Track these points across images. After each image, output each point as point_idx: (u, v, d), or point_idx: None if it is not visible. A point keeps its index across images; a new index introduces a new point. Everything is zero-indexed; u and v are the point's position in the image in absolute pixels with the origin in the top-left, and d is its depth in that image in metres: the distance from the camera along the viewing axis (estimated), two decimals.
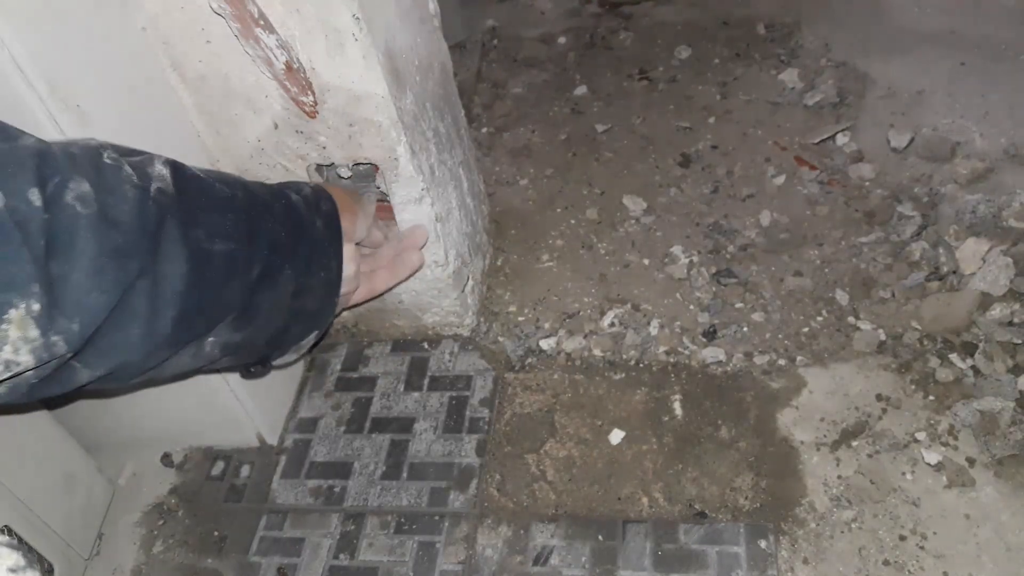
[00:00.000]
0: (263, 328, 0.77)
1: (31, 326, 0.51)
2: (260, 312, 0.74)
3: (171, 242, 0.60)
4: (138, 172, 0.60)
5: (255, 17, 0.80)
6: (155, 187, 0.61)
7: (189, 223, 0.62)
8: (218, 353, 0.72)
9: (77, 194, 0.54)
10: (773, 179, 1.37)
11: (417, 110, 0.99)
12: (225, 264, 0.66)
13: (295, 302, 0.80)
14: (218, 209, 0.67)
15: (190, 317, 0.63)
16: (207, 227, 0.64)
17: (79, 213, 0.53)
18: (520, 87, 1.68)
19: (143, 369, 0.65)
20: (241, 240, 0.68)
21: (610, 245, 1.31)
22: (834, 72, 1.55)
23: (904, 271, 1.18)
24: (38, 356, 0.52)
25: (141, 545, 1.06)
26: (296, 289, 0.79)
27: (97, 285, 0.54)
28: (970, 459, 0.97)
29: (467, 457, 1.07)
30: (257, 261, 0.71)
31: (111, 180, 0.57)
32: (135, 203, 0.58)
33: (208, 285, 0.64)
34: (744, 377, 1.10)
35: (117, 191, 0.57)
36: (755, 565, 0.91)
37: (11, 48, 0.69)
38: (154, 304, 0.59)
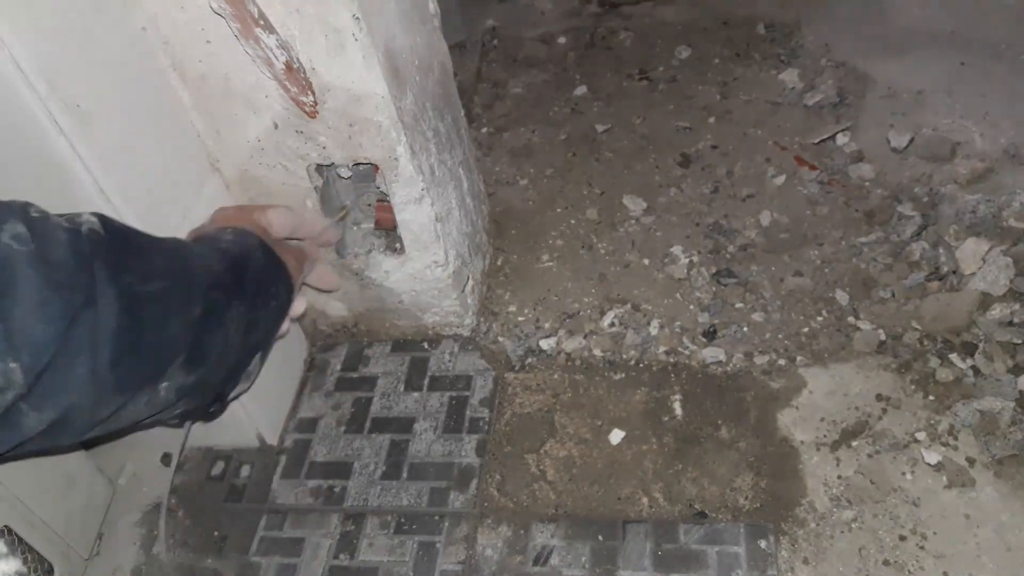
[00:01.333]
0: (217, 367, 0.76)
1: None
2: (211, 351, 0.73)
3: (103, 282, 0.60)
4: (66, 219, 0.61)
5: (255, 17, 0.80)
6: (85, 228, 0.61)
7: (119, 266, 0.62)
8: (173, 397, 0.72)
9: (12, 234, 0.55)
10: (773, 179, 1.37)
11: (417, 110, 0.99)
12: (161, 303, 0.66)
13: (248, 337, 0.80)
14: (148, 252, 0.68)
15: (130, 358, 0.63)
16: (137, 270, 0.64)
17: (17, 251, 0.54)
18: (520, 87, 1.68)
19: (94, 417, 0.64)
20: (175, 279, 0.68)
21: (610, 245, 1.31)
22: (834, 72, 1.55)
23: (904, 271, 1.18)
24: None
25: (141, 545, 1.06)
26: (248, 324, 0.79)
27: (42, 317, 0.55)
28: (970, 459, 0.97)
29: (467, 457, 1.07)
30: (197, 300, 0.70)
31: (41, 227, 0.58)
32: (68, 243, 0.58)
33: (144, 325, 0.64)
34: (744, 377, 1.10)
35: (49, 235, 0.58)
36: (755, 565, 0.91)
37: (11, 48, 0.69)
38: (95, 340, 0.60)
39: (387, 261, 1.11)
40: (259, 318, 0.81)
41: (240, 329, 0.77)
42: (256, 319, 0.80)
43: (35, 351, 0.54)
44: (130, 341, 0.62)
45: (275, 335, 0.87)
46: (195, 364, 0.71)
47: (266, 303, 0.82)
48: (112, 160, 0.81)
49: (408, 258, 1.10)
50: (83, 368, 0.59)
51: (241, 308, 0.77)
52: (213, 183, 1.01)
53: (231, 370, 0.80)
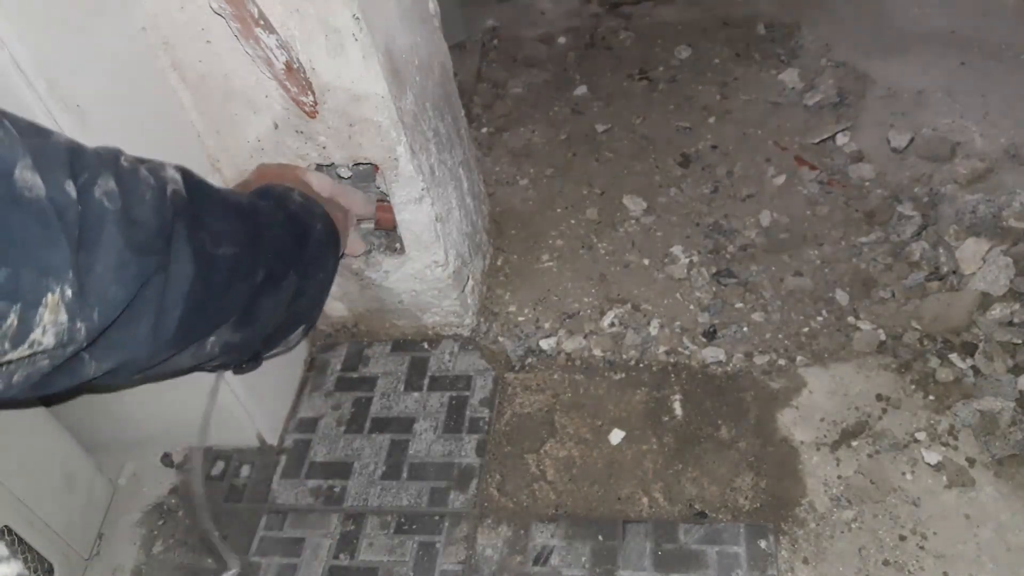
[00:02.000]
0: (262, 329, 0.79)
1: (62, 311, 0.53)
2: (261, 314, 0.76)
3: (180, 243, 0.62)
4: (154, 175, 0.62)
5: (255, 17, 0.80)
6: (170, 189, 0.63)
7: (196, 226, 0.65)
8: (217, 351, 0.75)
9: (104, 190, 0.56)
10: (773, 179, 1.37)
11: (417, 110, 0.99)
12: (229, 268, 0.68)
13: (294, 304, 0.82)
14: (224, 215, 0.70)
15: (193, 318, 0.65)
16: (213, 232, 0.67)
17: (107, 208, 0.56)
18: (520, 87, 1.68)
19: (147, 366, 0.66)
20: (245, 245, 0.71)
21: (610, 245, 1.31)
22: (834, 72, 1.55)
23: (904, 271, 1.18)
24: (59, 339, 0.54)
25: (141, 545, 1.06)
26: (297, 291, 0.81)
27: (118, 279, 0.56)
28: (970, 459, 0.97)
29: (467, 457, 1.07)
30: (261, 266, 0.73)
31: (130, 181, 0.59)
32: (153, 203, 0.60)
33: (212, 288, 0.66)
34: (744, 377, 1.10)
35: (136, 191, 0.59)
36: (755, 565, 0.91)
37: (11, 48, 0.69)
38: (163, 302, 0.62)
39: (387, 261, 1.11)
40: (308, 287, 0.83)
41: (290, 294, 0.80)
42: (304, 288, 0.83)
43: (108, 309, 0.56)
44: (198, 302, 0.65)
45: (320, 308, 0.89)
46: (244, 324, 0.75)
47: (316, 274, 0.85)
48: None
49: (408, 258, 1.10)
50: (145, 327, 0.61)
51: (295, 277, 0.79)
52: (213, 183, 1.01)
53: (273, 333, 0.83)
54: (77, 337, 0.55)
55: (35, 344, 0.53)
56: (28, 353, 0.53)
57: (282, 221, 0.79)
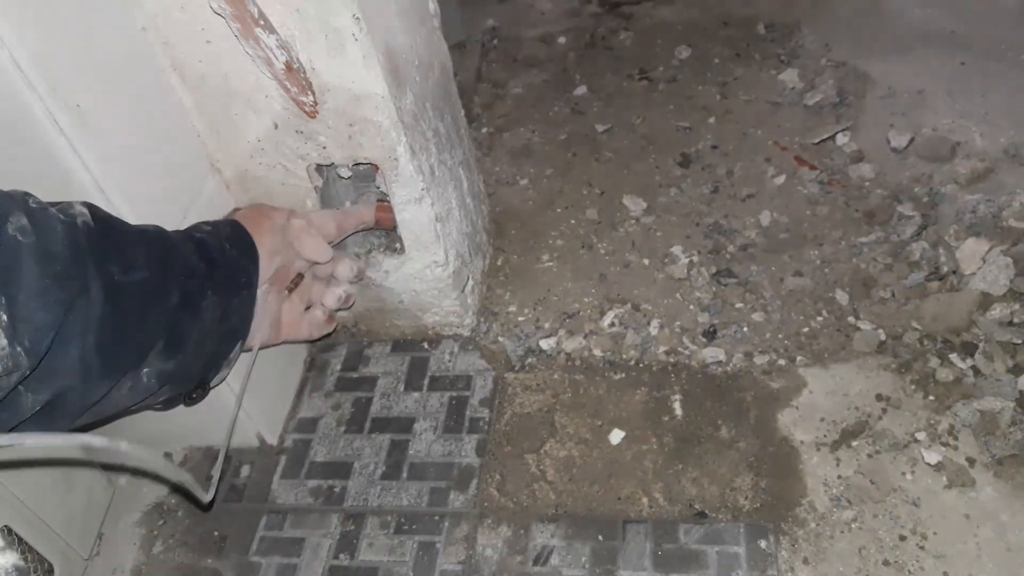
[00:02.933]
0: (195, 353, 0.80)
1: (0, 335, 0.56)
2: (188, 338, 0.78)
3: (92, 272, 0.66)
4: (62, 212, 0.66)
5: (255, 17, 0.80)
6: (80, 221, 0.66)
7: (105, 256, 0.67)
8: (155, 383, 0.76)
9: (17, 227, 0.60)
10: (773, 179, 1.37)
11: (417, 110, 0.99)
12: (140, 293, 0.71)
13: (223, 324, 0.84)
14: (131, 243, 0.72)
15: (113, 345, 0.68)
16: (120, 261, 0.69)
17: (21, 242, 0.59)
18: (520, 87, 1.68)
19: (84, 401, 0.68)
20: (154, 269, 0.73)
21: (610, 245, 1.31)
22: (834, 72, 1.55)
23: (904, 271, 1.18)
24: (4, 364, 0.57)
25: (141, 545, 1.06)
26: (222, 313, 0.83)
27: (43, 305, 0.60)
28: (970, 459, 0.97)
29: (467, 457, 1.07)
30: (174, 288, 0.75)
31: (40, 219, 0.63)
32: (65, 236, 0.64)
33: (125, 314, 0.69)
34: (744, 377, 1.10)
35: (48, 227, 0.63)
36: (755, 565, 0.91)
37: (11, 48, 0.69)
38: (86, 327, 0.65)
39: (387, 261, 1.11)
40: (231, 305, 0.84)
41: (216, 317, 0.81)
42: (229, 306, 0.84)
43: (37, 335, 0.59)
44: (112, 328, 0.67)
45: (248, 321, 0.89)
46: (173, 350, 0.76)
47: (237, 291, 0.86)
48: (112, 160, 0.81)
49: (408, 258, 1.10)
50: (75, 352, 0.64)
51: (215, 297, 0.81)
52: (213, 183, 1.01)
53: (210, 357, 0.84)
54: (20, 362, 0.58)
55: None
56: None
57: (188, 244, 0.81)
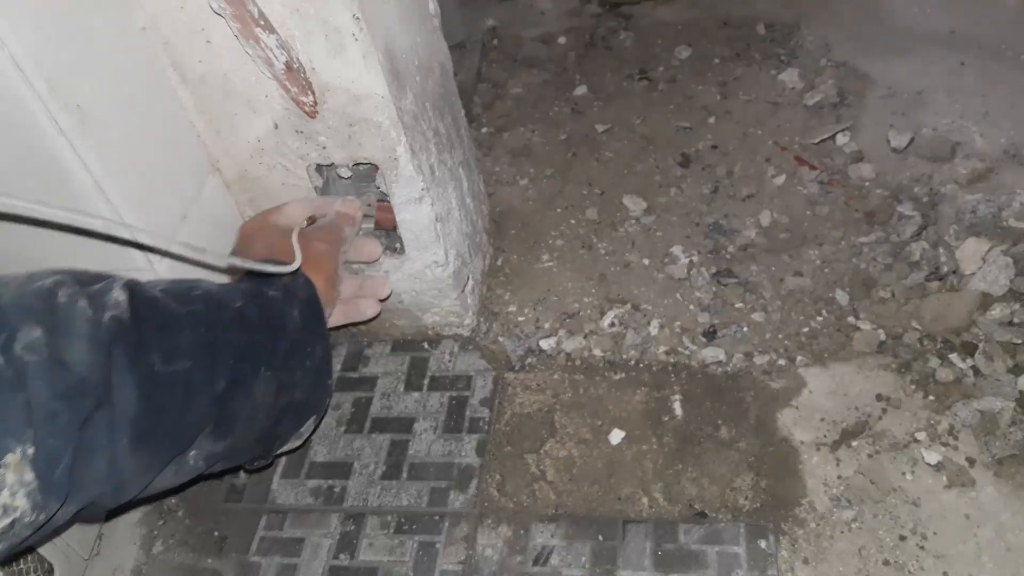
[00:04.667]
0: (247, 432, 0.76)
1: (27, 469, 0.53)
2: (239, 419, 0.73)
3: (120, 371, 0.61)
4: (93, 304, 0.61)
5: (255, 17, 0.80)
6: (108, 316, 0.61)
7: (141, 349, 0.63)
8: (203, 465, 0.72)
9: (25, 344, 0.55)
10: (773, 179, 1.37)
11: (417, 110, 0.99)
12: (183, 384, 0.66)
13: (280, 399, 0.78)
14: (175, 329, 0.67)
15: (149, 441, 0.63)
16: (162, 350, 0.64)
17: (27, 363, 0.55)
18: (520, 87, 1.68)
19: (120, 499, 0.65)
20: (200, 357, 0.67)
21: (610, 245, 1.31)
22: (834, 72, 1.55)
23: (904, 271, 1.18)
24: (33, 500, 0.54)
25: (141, 545, 1.06)
26: (279, 387, 0.77)
27: (52, 432, 0.55)
28: (970, 459, 0.97)
29: (467, 457, 1.07)
30: (221, 375, 0.69)
31: (63, 320, 0.58)
32: (87, 339, 0.59)
33: (164, 407, 0.64)
34: (744, 377, 1.10)
35: (69, 330, 0.58)
36: (755, 565, 0.91)
37: (11, 48, 0.69)
38: (113, 434, 0.60)
39: (387, 261, 1.11)
40: (294, 378, 0.79)
41: (271, 393, 0.76)
42: (290, 380, 0.78)
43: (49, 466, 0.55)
44: (149, 425, 0.62)
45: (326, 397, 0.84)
46: (223, 432, 0.71)
47: (297, 366, 0.80)
48: (112, 160, 0.81)
49: (408, 258, 1.10)
50: (102, 463, 0.60)
51: (269, 373, 0.75)
52: (213, 183, 1.01)
53: (266, 432, 0.79)
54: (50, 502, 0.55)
55: (9, 510, 0.53)
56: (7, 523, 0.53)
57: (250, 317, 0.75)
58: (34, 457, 0.53)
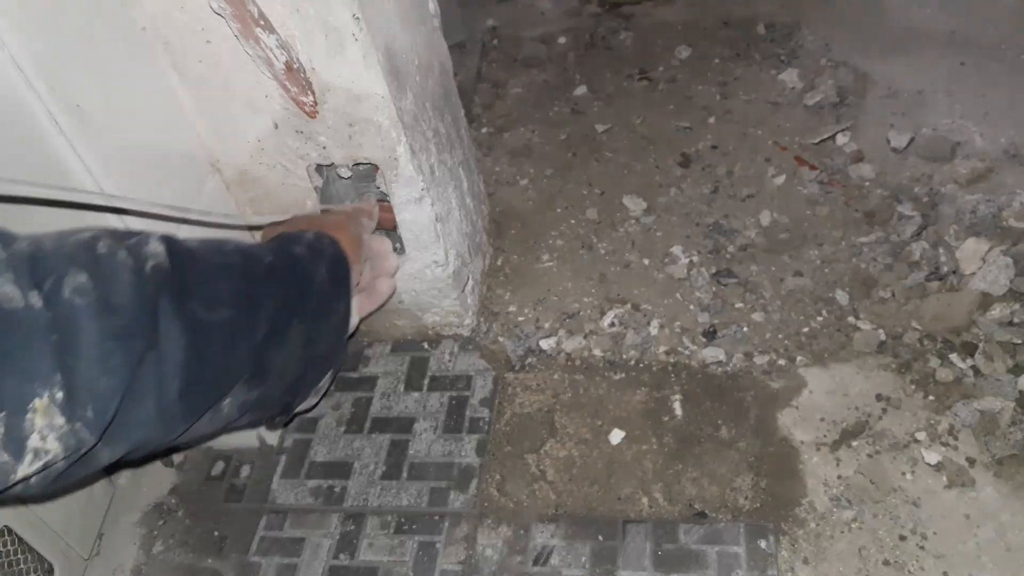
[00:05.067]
0: (278, 382, 0.77)
1: (56, 414, 0.53)
2: (272, 369, 0.75)
3: (168, 317, 0.62)
4: (133, 254, 0.62)
5: (255, 17, 0.80)
6: (150, 265, 0.62)
7: (185, 296, 0.64)
8: (236, 413, 0.73)
9: (73, 287, 0.56)
10: (773, 179, 1.37)
11: (417, 110, 0.99)
12: (226, 331, 0.67)
13: (307, 351, 0.80)
14: (214, 278, 0.68)
15: (197, 387, 0.65)
16: (203, 298, 0.66)
17: (77, 305, 0.56)
18: (520, 87, 1.68)
19: (163, 442, 0.66)
20: (240, 306, 0.69)
21: (610, 245, 1.31)
22: (834, 72, 1.55)
23: (904, 271, 1.18)
24: (66, 443, 0.54)
25: (141, 545, 1.06)
26: (307, 339, 0.79)
27: (105, 370, 0.56)
28: (970, 459, 0.97)
29: (467, 457, 1.07)
30: (261, 323, 0.71)
31: (106, 267, 0.59)
32: (131, 285, 0.60)
33: (210, 354, 0.66)
34: (744, 377, 1.10)
35: (113, 277, 0.59)
36: (755, 565, 0.91)
37: (11, 48, 0.69)
38: (161, 378, 0.61)
39: None
40: (320, 333, 0.81)
41: (300, 343, 0.78)
42: (315, 333, 0.80)
43: (101, 404, 0.56)
44: (197, 371, 0.64)
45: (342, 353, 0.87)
46: (257, 381, 0.73)
47: (325, 319, 0.82)
48: (112, 160, 0.81)
49: (408, 258, 1.10)
50: (151, 406, 0.61)
51: (302, 325, 0.77)
52: (213, 183, 1.01)
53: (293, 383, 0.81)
54: (84, 437, 0.55)
55: (40, 453, 0.53)
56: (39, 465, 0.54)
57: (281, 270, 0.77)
58: (64, 401, 0.53)
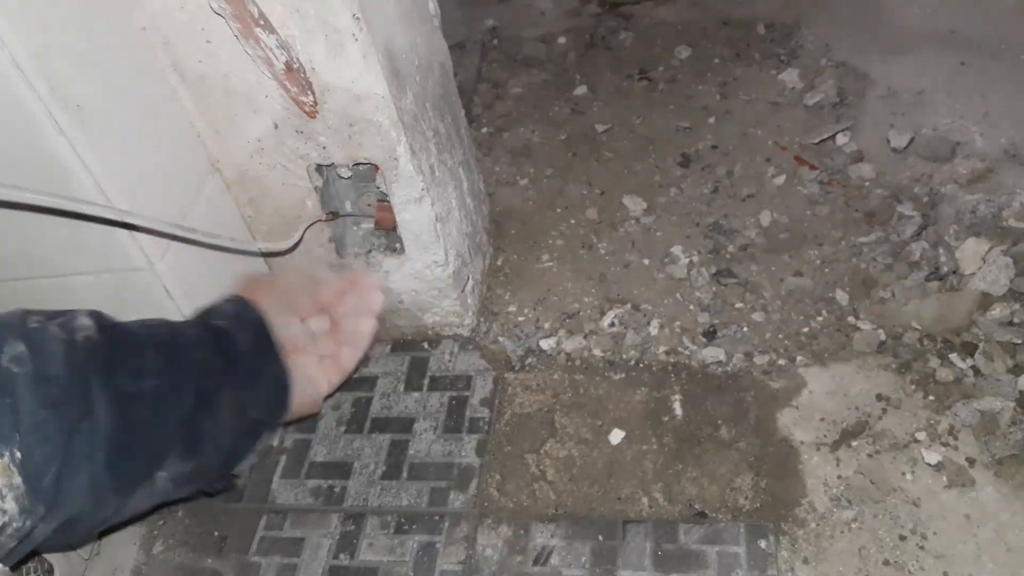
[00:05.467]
0: (214, 452, 0.77)
1: (15, 473, 0.54)
2: (205, 438, 0.74)
3: (95, 388, 0.63)
4: (63, 328, 0.63)
5: (255, 17, 0.80)
6: (81, 336, 0.63)
7: (112, 367, 0.65)
8: (171, 487, 0.73)
9: (11, 356, 0.57)
10: (773, 179, 1.37)
11: (417, 110, 0.99)
12: (152, 401, 0.68)
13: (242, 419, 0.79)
14: (140, 349, 0.69)
15: (125, 458, 0.65)
16: (129, 369, 0.66)
17: (16, 373, 0.57)
18: (520, 87, 1.68)
19: (95, 519, 0.66)
20: (166, 375, 0.70)
21: (610, 245, 1.31)
22: (834, 72, 1.55)
23: (904, 271, 1.18)
24: (21, 505, 0.55)
25: (141, 545, 1.06)
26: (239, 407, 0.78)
27: (41, 438, 0.57)
28: (970, 459, 0.97)
29: (467, 457, 1.07)
30: (188, 393, 0.71)
31: (39, 339, 0.60)
32: (64, 355, 0.61)
33: (136, 425, 0.66)
34: (744, 377, 1.10)
35: (46, 349, 0.60)
36: (755, 565, 0.91)
37: (11, 48, 0.69)
38: (92, 448, 0.62)
39: (387, 261, 1.11)
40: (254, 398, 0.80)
41: (234, 412, 0.77)
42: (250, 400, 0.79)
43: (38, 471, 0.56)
44: (123, 442, 0.64)
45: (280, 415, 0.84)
46: (191, 453, 0.73)
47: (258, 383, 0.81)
48: (112, 160, 0.81)
49: (408, 258, 1.10)
50: (84, 476, 0.61)
51: (233, 392, 0.76)
52: (213, 183, 1.01)
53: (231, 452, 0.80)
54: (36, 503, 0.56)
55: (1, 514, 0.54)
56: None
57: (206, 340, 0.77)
58: (22, 462, 0.54)
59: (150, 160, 0.88)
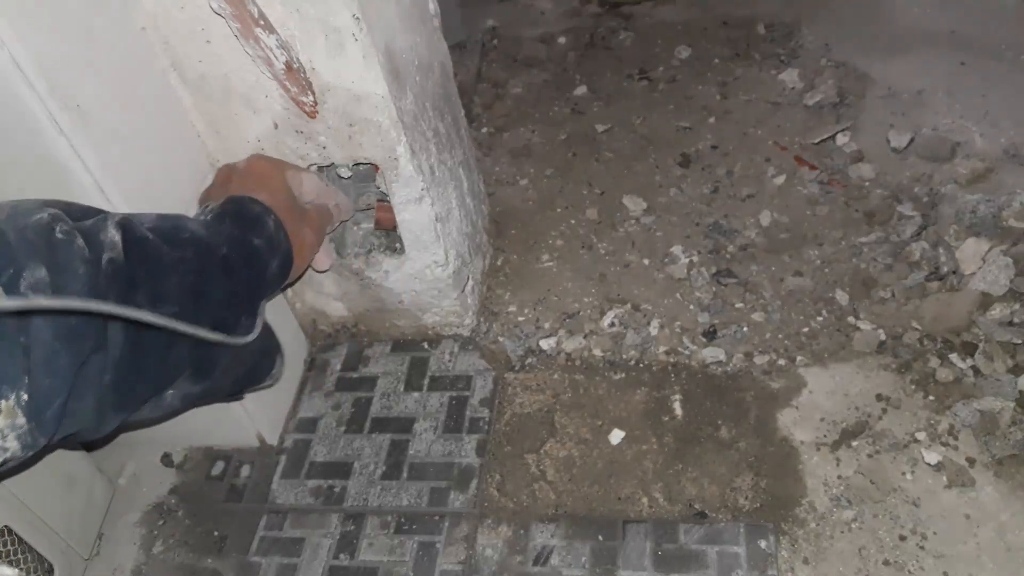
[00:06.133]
0: (223, 377, 0.76)
1: (19, 414, 0.54)
2: (217, 365, 0.74)
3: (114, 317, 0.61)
4: (90, 243, 0.61)
5: (255, 17, 0.80)
6: (106, 258, 0.61)
7: (131, 289, 0.63)
8: (179, 404, 0.73)
9: (30, 282, 0.54)
10: (773, 179, 1.37)
11: (417, 110, 0.99)
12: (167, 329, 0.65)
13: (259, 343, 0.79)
14: (164, 274, 0.67)
15: (133, 383, 0.64)
16: (148, 294, 0.64)
17: None
18: (520, 87, 1.68)
19: (99, 432, 0.66)
20: (186, 302, 0.68)
21: (610, 245, 1.31)
22: (834, 72, 1.55)
23: (904, 271, 1.18)
24: (23, 442, 0.55)
25: (141, 545, 1.06)
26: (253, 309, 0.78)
27: (49, 371, 0.55)
28: (970, 459, 0.97)
29: (467, 457, 1.07)
30: (204, 321, 0.69)
31: (63, 258, 0.58)
32: (87, 280, 0.59)
33: (147, 351, 0.64)
34: (744, 377, 1.10)
35: (69, 269, 0.58)
36: (755, 565, 0.91)
37: (11, 48, 0.69)
38: (101, 374, 0.61)
39: (387, 261, 1.11)
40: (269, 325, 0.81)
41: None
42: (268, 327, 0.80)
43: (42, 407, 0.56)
44: (132, 367, 0.63)
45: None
46: (201, 376, 0.72)
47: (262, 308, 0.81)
48: (112, 160, 0.81)
49: (408, 258, 1.10)
50: (90, 401, 0.60)
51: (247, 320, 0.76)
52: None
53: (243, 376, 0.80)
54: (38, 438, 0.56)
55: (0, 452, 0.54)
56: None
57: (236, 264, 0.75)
58: (27, 403, 0.54)
59: (150, 160, 0.88)
